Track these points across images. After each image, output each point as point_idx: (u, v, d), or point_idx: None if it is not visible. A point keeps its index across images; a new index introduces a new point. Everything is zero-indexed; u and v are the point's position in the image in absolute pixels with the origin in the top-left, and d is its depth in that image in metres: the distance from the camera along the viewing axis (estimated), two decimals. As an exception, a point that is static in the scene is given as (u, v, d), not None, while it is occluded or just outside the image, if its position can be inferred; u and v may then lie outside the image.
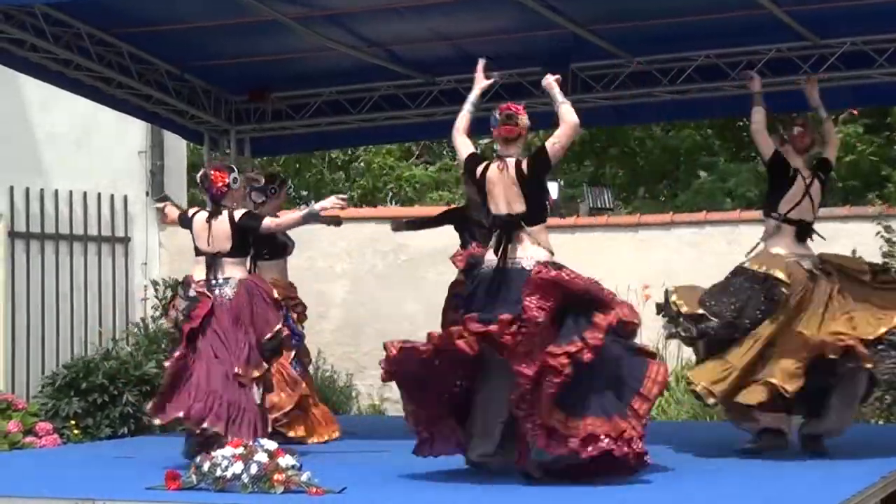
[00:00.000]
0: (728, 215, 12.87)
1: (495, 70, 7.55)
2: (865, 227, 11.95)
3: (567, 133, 6.56)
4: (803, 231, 7.49)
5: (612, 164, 17.88)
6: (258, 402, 7.20)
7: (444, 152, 20.83)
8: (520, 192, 6.42)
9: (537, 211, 6.48)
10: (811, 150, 7.56)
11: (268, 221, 7.38)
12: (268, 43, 9.28)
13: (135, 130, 12.06)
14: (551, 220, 13.60)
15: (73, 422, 10.11)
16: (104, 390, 10.11)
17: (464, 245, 8.43)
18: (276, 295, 7.50)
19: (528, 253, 6.33)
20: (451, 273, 10.13)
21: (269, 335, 7.31)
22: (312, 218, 7.34)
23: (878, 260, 11.11)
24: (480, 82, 6.84)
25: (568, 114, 6.54)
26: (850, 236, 11.93)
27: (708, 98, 9.62)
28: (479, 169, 6.56)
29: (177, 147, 12.67)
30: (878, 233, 11.38)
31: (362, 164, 19.23)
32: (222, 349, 7.17)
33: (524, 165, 6.46)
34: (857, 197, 13.95)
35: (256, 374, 7.19)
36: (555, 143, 6.52)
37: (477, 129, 6.89)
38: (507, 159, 6.49)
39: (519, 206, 6.41)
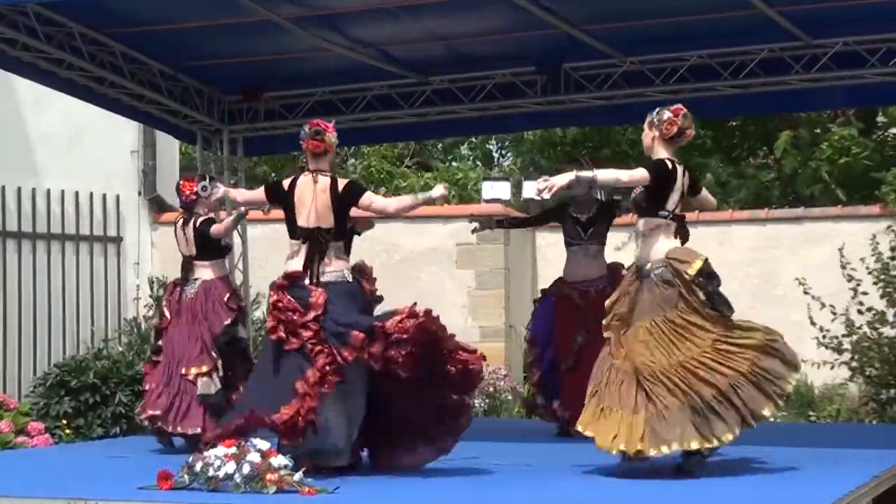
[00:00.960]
0: (720, 215, 12.90)
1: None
2: (856, 227, 11.99)
3: (400, 207, 6.94)
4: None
5: (605, 165, 17.82)
6: (209, 392, 7.82)
7: (440, 156, 20.85)
8: (330, 207, 6.68)
9: (344, 227, 6.82)
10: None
11: (379, 202, 7.02)
12: (261, 43, 9.28)
13: (127, 130, 12.05)
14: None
15: (64, 421, 10.10)
16: (96, 390, 10.11)
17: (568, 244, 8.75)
18: (227, 296, 8.12)
19: (333, 267, 6.67)
20: (444, 273, 10.19)
21: (218, 331, 7.96)
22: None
23: (870, 259, 11.19)
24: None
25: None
26: (842, 236, 11.97)
27: (701, 98, 9.62)
28: (287, 182, 6.81)
29: (169, 147, 12.66)
30: (889, 226, 11.36)
31: (355, 167, 19.21)
32: (177, 346, 7.96)
33: (340, 186, 6.72)
34: (850, 199, 13.96)
35: (204, 368, 7.86)
36: (375, 203, 6.83)
37: (469, 128, 6.90)
38: (320, 175, 6.73)
39: (328, 222, 6.68)
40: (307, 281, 6.62)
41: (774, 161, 15.68)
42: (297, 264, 6.67)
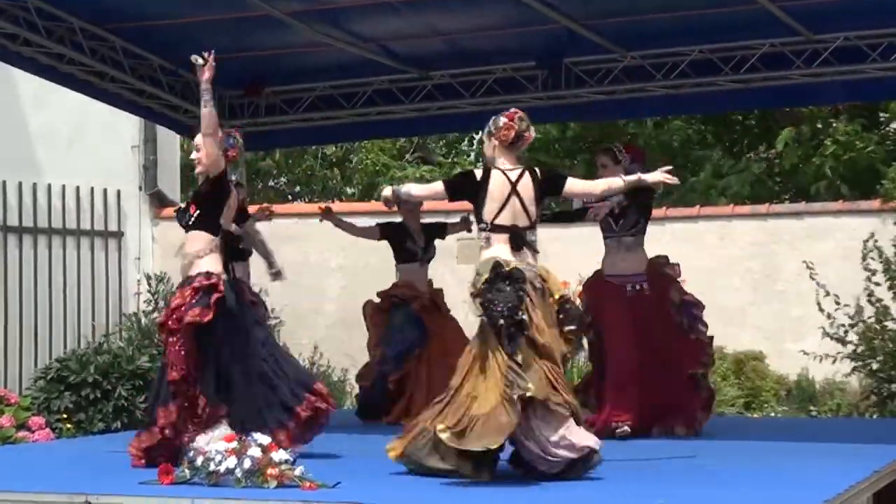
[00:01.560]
0: (721, 210, 12.91)
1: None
2: (858, 221, 11.98)
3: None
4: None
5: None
6: None
7: (440, 151, 20.85)
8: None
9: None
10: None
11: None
12: (262, 38, 9.28)
13: (128, 125, 12.05)
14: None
15: (65, 416, 10.10)
16: (97, 385, 10.11)
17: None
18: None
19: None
20: (444, 268, 10.19)
21: None
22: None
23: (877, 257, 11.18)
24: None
25: None
26: (843, 231, 11.96)
27: (702, 93, 9.63)
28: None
29: (170, 142, 12.66)
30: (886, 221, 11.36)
31: (356, 161, 19.22)
32: None
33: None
34: (854, 194, 13.98)
35: None
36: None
37: (469, 123, 6.89)
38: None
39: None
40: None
41: (776, 155, 15.69)
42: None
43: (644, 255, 8.21)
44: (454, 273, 10.90)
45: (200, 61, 6.71)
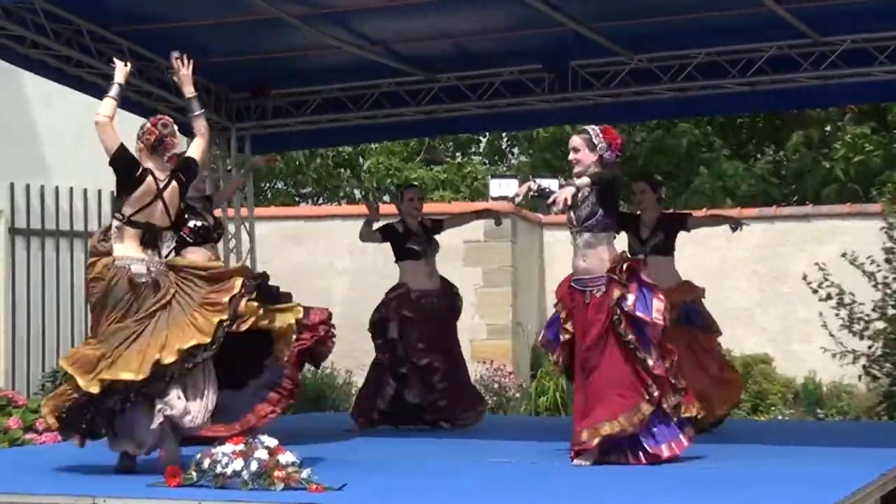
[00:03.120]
0: (728, 212, 12.89)
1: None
2: (864, 224, 11.98)
3: None
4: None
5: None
6: None
7: (449, 152, 20.85)
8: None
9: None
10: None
11: None
12: (269, 40, 9.29)
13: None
14: (550, 217, 13.63)
15: (73, 418, 10.10)
16: (104, 387, 10.10)
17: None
18: None
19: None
20: (452, 270, 10.20)
21: None
22: None
23: (879, 257, 11.18)
24: None
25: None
26: (850, 234, 11.96)
27: (709, 96, 9.62)
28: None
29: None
30: (883, 228, 11.38)
31: (367, 165, 19.24)
32: None
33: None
34: (864, 196, 13.98)
35: None
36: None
37: (476, 126, 6.88)
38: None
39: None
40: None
41: (783, 157, 15.71)
42: None
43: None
44: (461, 276, 10.93)
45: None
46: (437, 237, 9.26)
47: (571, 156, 6.86)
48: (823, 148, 15.14)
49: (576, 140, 6.88)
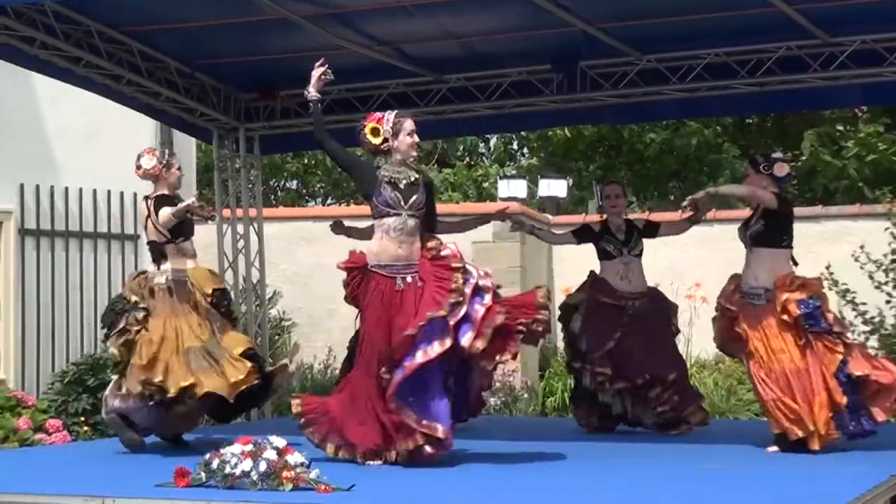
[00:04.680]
0: (737, 213, 12.85)
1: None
2: (875, 225, 11.94)
3: None
4: None
5: (622, 164, 17.84)
6: None
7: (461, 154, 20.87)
8: None
9: None
10: None
11: None
12: (277, 41, 9.29)
13: (144, 128, 12.07)
14: (560, 218, 13.57)
15: (82, 418, 10.13)
16: (113, 387, 10.11)
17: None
18: None
19: None
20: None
21: None
22: None
23: (886, 257, 11.14)
24: None
25: None
26: (859, 234, 11.93)
27: (718, 96, 9.61)
28: None
29: (186, 145, 12.68)
30: (888, 228, 11.36)
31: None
32: None
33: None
34: (877, 196, 13.95)
35: None
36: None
37: (485, 126, 6.87)
38: None
39: None
40: None
41: (793, 158, 15.67)
42: None
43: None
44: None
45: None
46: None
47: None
48: (835, 146, 15.10)
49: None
